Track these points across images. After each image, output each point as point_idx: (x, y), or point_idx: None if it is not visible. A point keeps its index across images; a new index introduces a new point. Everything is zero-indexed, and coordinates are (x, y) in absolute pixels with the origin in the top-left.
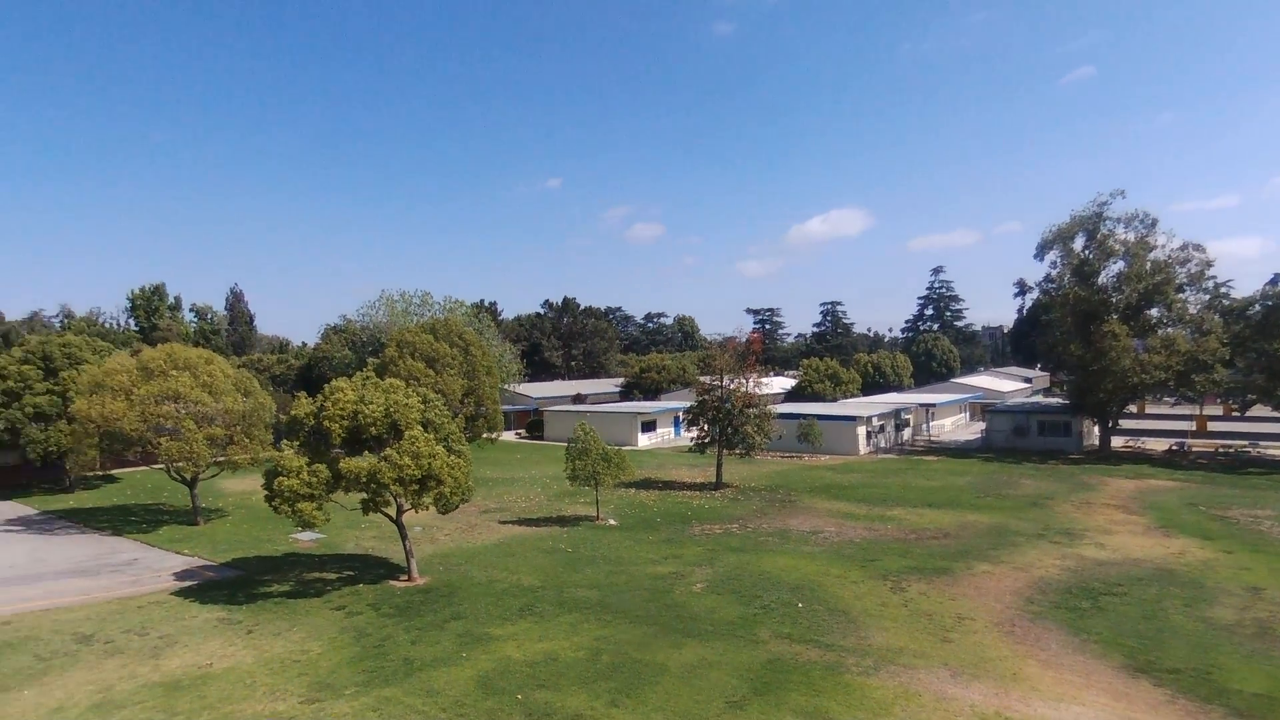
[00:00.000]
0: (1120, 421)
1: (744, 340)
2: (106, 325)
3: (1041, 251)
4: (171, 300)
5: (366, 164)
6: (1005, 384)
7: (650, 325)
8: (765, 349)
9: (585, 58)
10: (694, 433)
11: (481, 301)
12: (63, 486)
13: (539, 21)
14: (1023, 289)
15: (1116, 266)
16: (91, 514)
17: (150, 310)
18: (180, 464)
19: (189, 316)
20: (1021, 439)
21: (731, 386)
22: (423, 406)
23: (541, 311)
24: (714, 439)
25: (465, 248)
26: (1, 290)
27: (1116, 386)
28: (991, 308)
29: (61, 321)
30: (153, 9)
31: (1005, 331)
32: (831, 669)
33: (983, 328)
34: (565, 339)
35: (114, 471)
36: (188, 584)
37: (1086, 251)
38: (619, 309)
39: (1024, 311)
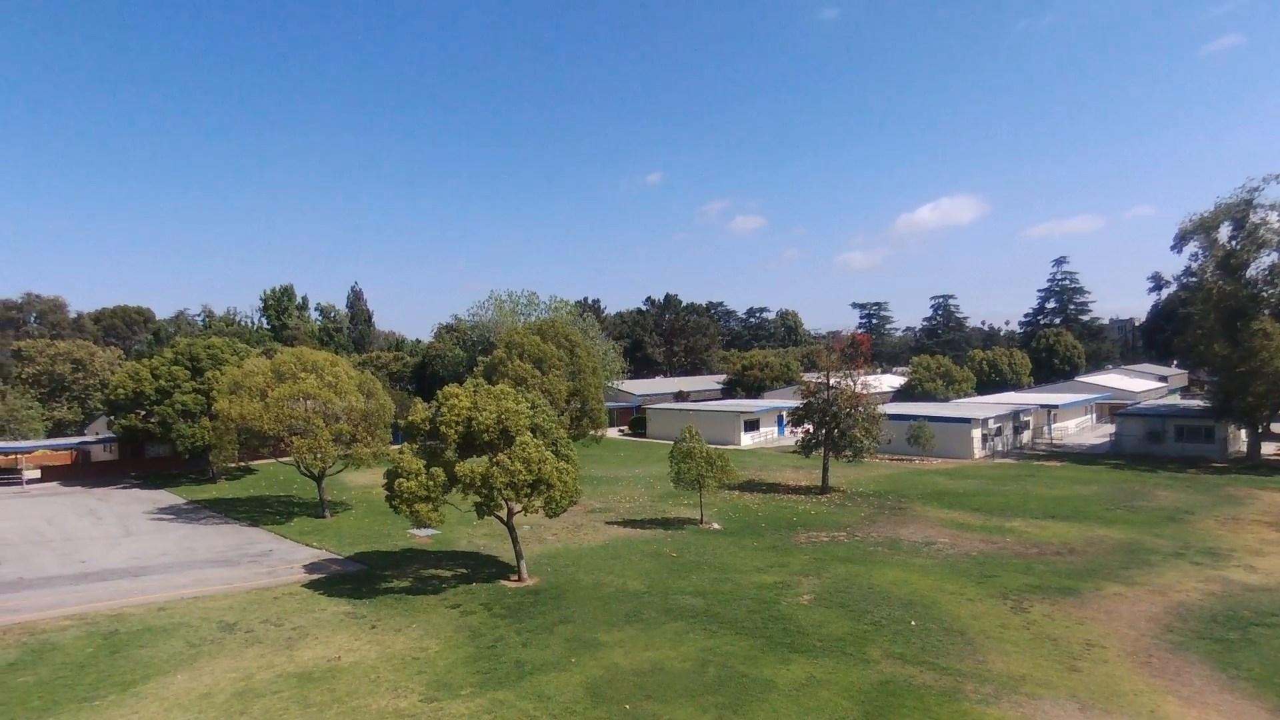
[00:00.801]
0: (1273, 428)
1: (849, 337)
2: (242, 324)
3: (1180, 242)
4: (299, 300)
5: (473, 165)
6: (1137, 383)
7: (752, 320)
8: (872, 344)
9: (684, 50)
10: (798, 433)
11: (585, 299)
12: (207, 477)
13: (637, 14)
14: (1158, 283)
15: (1269, 259)
16: (232, 504)
17: (280, 310)
18: (309, 459)
19: (314, 315)
20: (1156, 445)
21: (839, 387)
22: (531, 413)
23: (643, 308)
24: (820, 441)
25: (568, 244)
26: (153, 291)
27: (1269, 389)
28: (1120, 299)
29: (203, 320)
30: (278, 26)
31: (1136, 325)
32: (948, 695)
33: (1110, 320)
34: (667, 335)
35: (251, 464)
36: (317, 576)
37: (1233, 242)
38: (720, 304)
39: (1159, 306)
